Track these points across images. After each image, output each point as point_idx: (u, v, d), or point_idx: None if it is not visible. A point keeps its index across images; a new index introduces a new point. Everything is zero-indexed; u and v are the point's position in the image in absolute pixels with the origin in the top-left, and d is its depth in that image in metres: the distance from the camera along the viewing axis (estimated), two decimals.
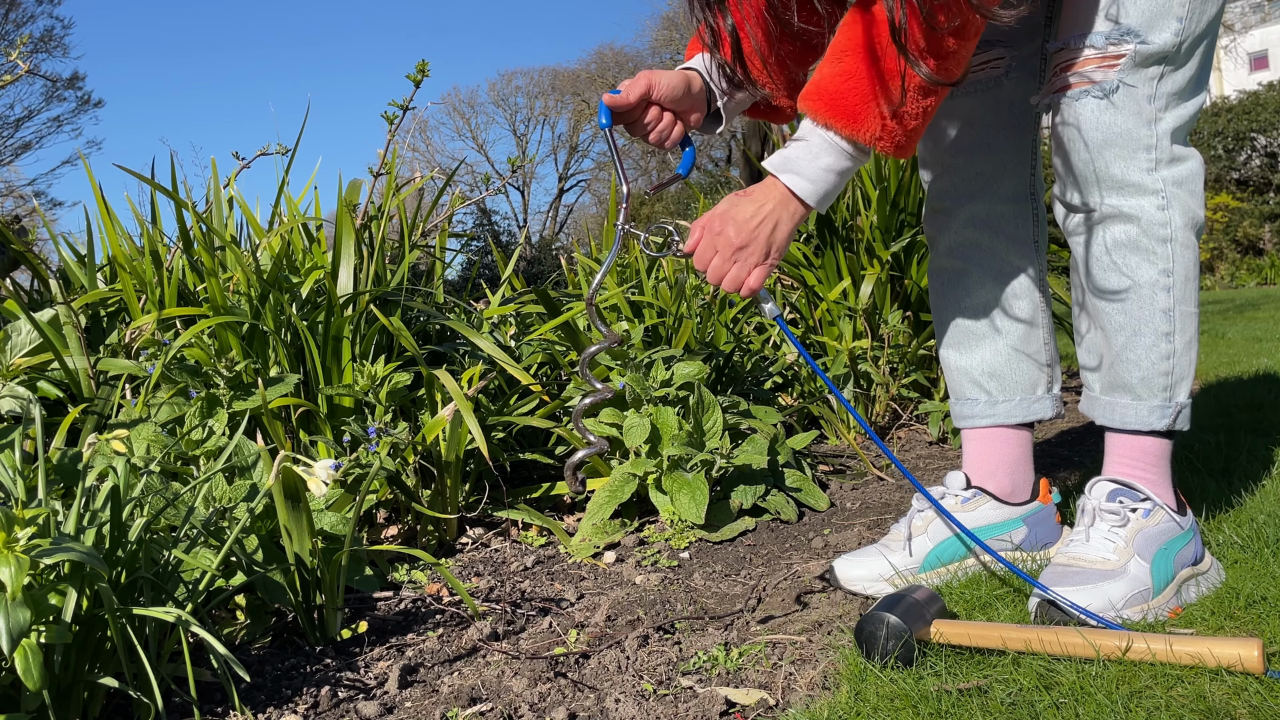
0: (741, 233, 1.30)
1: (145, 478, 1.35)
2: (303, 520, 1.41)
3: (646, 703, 1.17)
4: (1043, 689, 1.09)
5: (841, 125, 1.27)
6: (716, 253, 1.32)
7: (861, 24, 1.25)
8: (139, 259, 2.26)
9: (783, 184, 1.31)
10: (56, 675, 1.09)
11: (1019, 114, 1.55)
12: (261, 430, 1.91)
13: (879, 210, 3.01)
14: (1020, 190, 1.58)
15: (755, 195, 1.33)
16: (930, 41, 1.22)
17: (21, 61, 2.05)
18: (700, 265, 1.34)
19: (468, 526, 2.05)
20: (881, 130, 1.27)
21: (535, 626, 1.50)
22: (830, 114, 1.27)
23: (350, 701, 1.25)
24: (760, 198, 1.32)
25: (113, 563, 1.17)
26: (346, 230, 2.17)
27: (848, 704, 1.10)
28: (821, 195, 1.31)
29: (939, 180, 1.62)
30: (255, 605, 1.51)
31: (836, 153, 1.29)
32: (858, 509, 2.10)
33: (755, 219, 1.31)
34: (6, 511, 1.01)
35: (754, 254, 1.31)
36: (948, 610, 1.26)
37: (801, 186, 1.30)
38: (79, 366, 2.00)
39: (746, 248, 1.31)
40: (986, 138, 1.56)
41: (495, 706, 1.21)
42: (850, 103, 1.26)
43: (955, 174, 1.59)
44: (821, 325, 3.06)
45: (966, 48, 1.26)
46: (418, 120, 3.77)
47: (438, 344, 2.36)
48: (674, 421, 2.03)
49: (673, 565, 1.78)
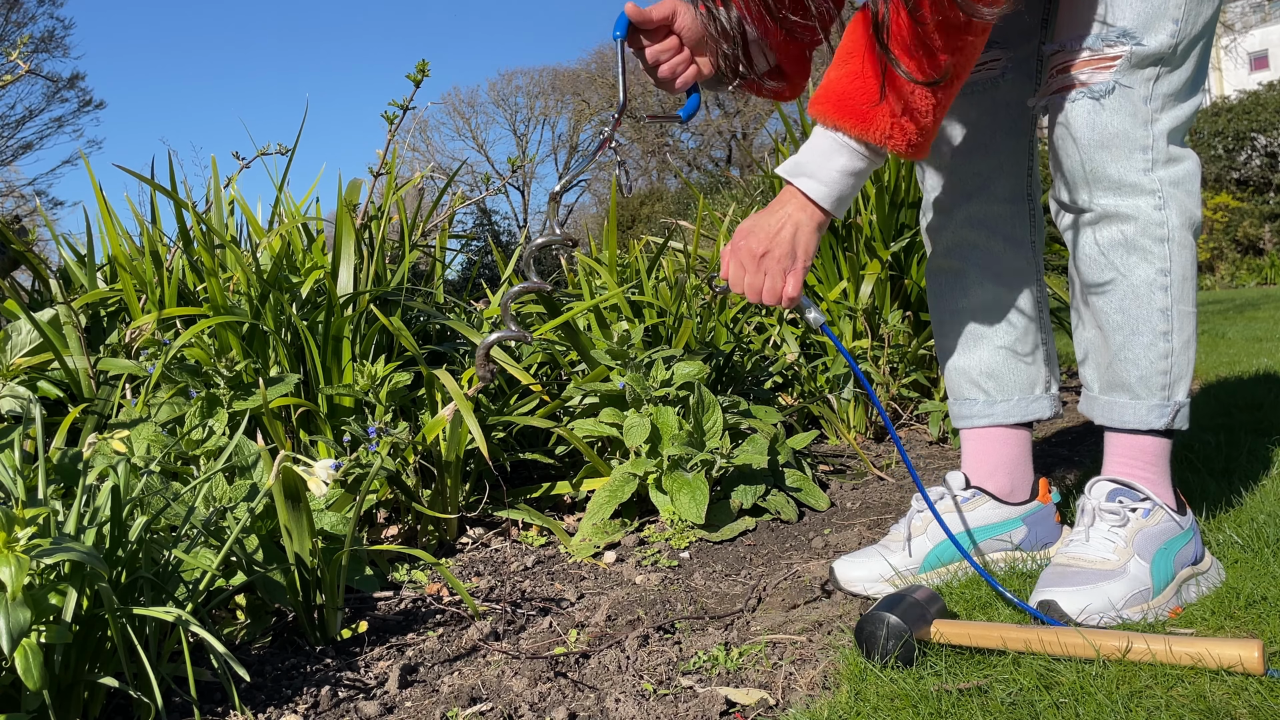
0: (762, 241, 1.31)
1: (145, 477, 1.35)
2: (303, 520, 1.41)
3: (646, 702, 1.17)
4: (1043, 689, 1.09)
5: (851, 126, 1.26)
6: (745, 269, 1.32)
7: (864, 25, 1.25)
8: (139, 259, 2.26)
9: (797, 189, 1.31)
10: (57, 675, 1.09)
11: (1016, 115, 1.55)
12: (262, 430, 1.91)
13: (878, 209, 3.01)
14: (1017, 191, 1.58)
15: (772, 205, 1.33)
16: (915, 37, 1.21)
17: (22, 62, 2.05)
18: (736, 287, 1.34)
19: (468, 526, 2.05)
20: (892, 129, 1.26)
21: (535, 626, 1.50)
22: (839, 115, 1.27)
23: (350, 701, 1.25)
24: (777, 206, 1.32)
25: (113, 562, 1.17)
26: (346, 230, 2.17)
27: (848, 704, 1.10)
28: (836, 198, 1.30)
29: (935, 180, 1.62)
30: (255, 605, 1.51)
31: (849, 154, 1.28)
32: (858, 509, 2.10)
33: (774, 226, 1.31)
34: (7, 511, 1.01)
35: (779, 260, 1.30)
36: (948, 610, 1.26)
37: (815, 189, 1.30)
38: (79, 366, 2.00)
39: (769, 254, 1.30)
40: (983, 138, 1.56)
41: (495, 706, 1.20)
42: (858, 102, 1.26)
43: (952, 174, 1.59)
44: None
45: (954, 44, 1.24)
46: (418, 120, 3.75)
47: (438, 344, 2.36)
48: (674, 421, 2.03)
49: (673, 565, 1.77)
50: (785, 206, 1.32)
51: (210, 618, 1.43)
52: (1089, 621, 1.25)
